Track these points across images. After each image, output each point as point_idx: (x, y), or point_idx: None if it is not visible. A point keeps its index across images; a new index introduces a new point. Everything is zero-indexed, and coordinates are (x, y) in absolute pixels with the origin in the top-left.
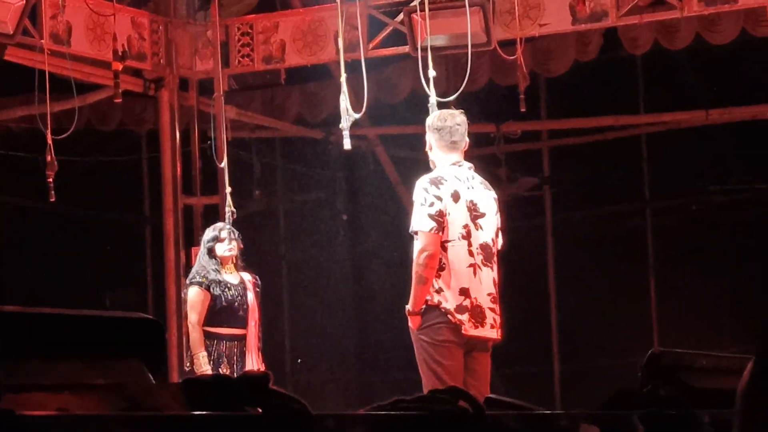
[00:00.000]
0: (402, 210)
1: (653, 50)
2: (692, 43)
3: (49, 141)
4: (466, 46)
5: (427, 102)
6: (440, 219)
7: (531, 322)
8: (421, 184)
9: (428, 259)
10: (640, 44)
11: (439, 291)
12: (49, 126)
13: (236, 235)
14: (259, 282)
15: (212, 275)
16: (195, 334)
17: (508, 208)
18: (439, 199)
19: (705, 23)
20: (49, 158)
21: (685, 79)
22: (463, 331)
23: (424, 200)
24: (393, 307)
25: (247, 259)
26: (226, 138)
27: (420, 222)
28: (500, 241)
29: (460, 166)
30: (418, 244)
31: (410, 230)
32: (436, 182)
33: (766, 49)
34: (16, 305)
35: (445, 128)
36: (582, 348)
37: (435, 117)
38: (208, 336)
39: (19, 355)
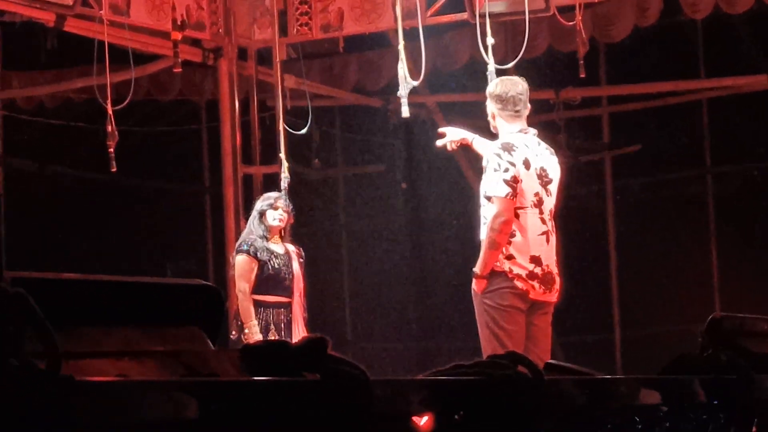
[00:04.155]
0: (461, 177)
1: (713, 14)
2: (753, 7)
3: (110, 111)
4: (525, 12)
5: (486, 69)
6: (514, 185)
7: (591, 289)
8: (493, 149)
9: (503, 224)
10: (700, 8)
11: (509, 258)
12: (109, 96)
13: (291, 208)
14: (303, 254)
15: (259, 243)
16: (246, 303)
17: (568, 175)
18: (513, 165)
19: None
20: (109, 129)
21: (746, 43)
22: (531, 296)
23: (498, 165)
24: (453, 275)
25: (306, 228)
26: (285, 107)
27: (495, 187)
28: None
29: (526, 133)
30: (492, 209)
31: (483, 195)
32: (508, 148)
33: None
34: (79, 274)
35: (508, 99)
36: (643, 315)
37: (497, 85)
38: (255, 304)
39: (79, 322)
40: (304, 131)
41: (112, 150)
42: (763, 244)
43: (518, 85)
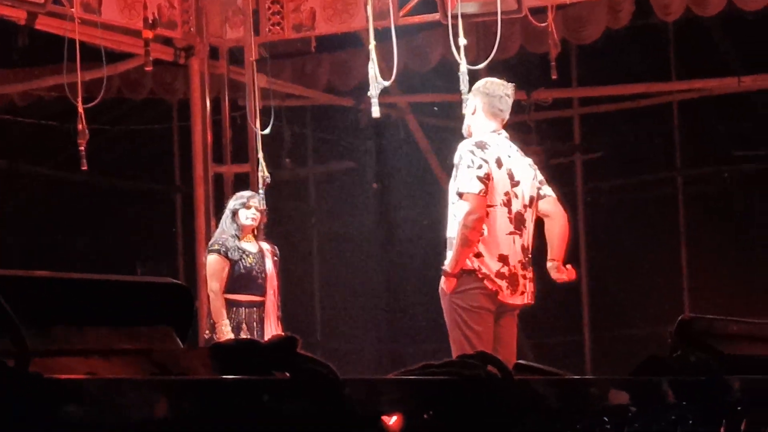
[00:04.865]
0: (432, 178)
1: (685, 16)
2: (724, 9)
3: (80, 110)
4: (497, 13)
5: (458, 70)
6: (487, 182)
7: (561, 290)
8: (466, 146)
9: (476, 222)
10: (671, 11)
11: (478, 256)
12: (80, 95)
13: (263, 207)
14: (278, 251)
15: (231, 242)
16: (217, 302)
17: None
18: (486, 161)
19: None
20: (80, 127)
21: (717, 45)
22: (499, 297)
23: (471, 162)
24: (423, 275)
25: (277, 228)
26: (258, 106)
27: (468, 184)
28: (549, 204)
29: (498, 134)
30: (464, 206)
31: (456, 192)
32: (482, 146)
33: None
34: (48, 272)
35: (495, 96)
36: (613, 317)
37: (486, 83)
38: (227, 303)
39: (48, 320)
40: (267, 131)
41: (82, 148)
42: (733, 246)
43: (507, 88)
